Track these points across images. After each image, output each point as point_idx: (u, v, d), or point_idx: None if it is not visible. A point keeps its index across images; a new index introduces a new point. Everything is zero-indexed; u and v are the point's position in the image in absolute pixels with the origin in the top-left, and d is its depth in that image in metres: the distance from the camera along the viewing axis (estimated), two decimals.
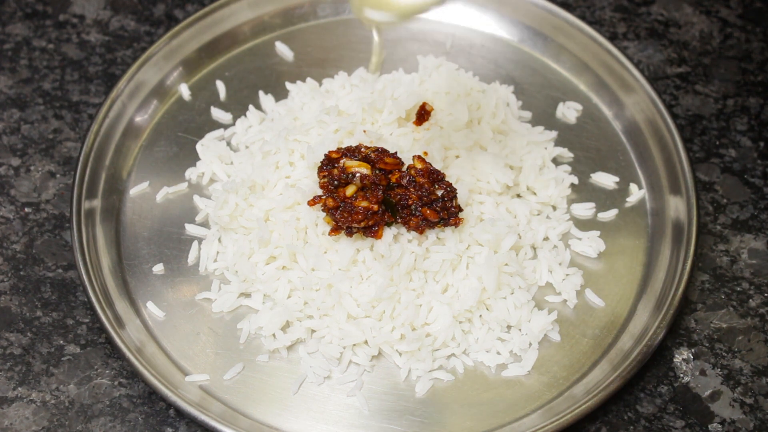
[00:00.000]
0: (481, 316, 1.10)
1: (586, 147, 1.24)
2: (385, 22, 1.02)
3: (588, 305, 1.12)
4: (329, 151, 1.10)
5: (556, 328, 1.10)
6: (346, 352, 1.06)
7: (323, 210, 1.09)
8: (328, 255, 1.09)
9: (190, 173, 1.21)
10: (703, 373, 1.10)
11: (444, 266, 1.09)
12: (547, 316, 1.09)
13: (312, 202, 1.09)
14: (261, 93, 1.27)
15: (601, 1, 1.43)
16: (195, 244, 1.15)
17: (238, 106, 1.27)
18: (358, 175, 1.07)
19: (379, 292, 1.05)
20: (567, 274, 1.14)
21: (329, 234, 1.08)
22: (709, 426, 1.06)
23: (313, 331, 1.08)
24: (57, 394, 1.07)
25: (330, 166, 1.10)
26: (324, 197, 1.09)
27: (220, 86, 1.28)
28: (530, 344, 1.08)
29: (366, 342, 1.06)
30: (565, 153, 1.23)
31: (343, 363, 1.06)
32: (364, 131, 1.14)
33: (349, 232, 1.07)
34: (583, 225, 1.18)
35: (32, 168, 1.24)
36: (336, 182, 1.09)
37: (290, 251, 1.09)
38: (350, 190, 1.08)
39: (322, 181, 1.10)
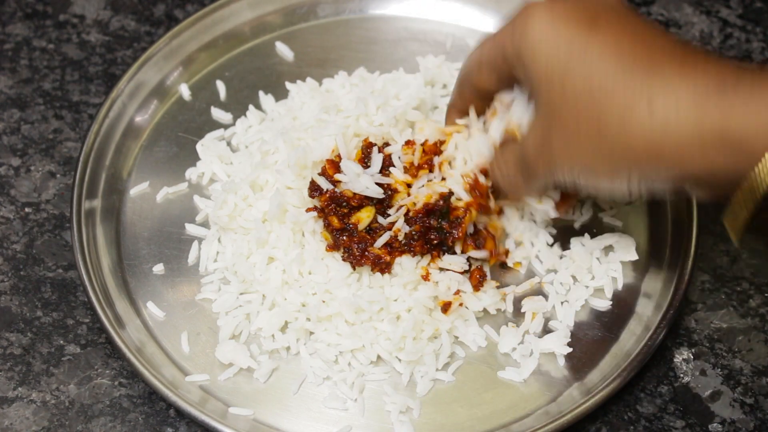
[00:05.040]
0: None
1: None
2: None
3: (588, 305, 1.12)
4: (313, 179, 1.09)
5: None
6: (344, 355, 1.06)
7: (325, 228, 1.08)
8: (326, 261, 1.09)
9: (190, 173, 1.21)
10: (703, 373, 1.10)
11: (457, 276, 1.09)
12: (561, 338, 1.08)
13: (310, 209, 1.09)
14: (261, 93, 1.27)
15: None
16: (195, 244, 1.15)
17: (238, 106, 1.27)
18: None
19: (380, 298, 1.05)
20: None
21: (326, 250, 1.08)
22: (710, 426, 1.06)
23: (311, 332, 1.08)
24: (57, 394, 1.07)
25: (318, 192, 1.09)
26: (326, 212, 1.08)
27: (220, 86, 1.28)
28: (531, 352, 1.08)
29: (363, 347, 1.06)
30: None
31: (342, 364, 1.06)
32: (366, 140, 1.13)
33: (352, 265, 1.07)
34: (582, 226, 1.18)
35: (32, 168, 1.24)
36: (344, 203, 1.08)
37: (287, 254, 1.09)
38: (363, 223, 1.07)
39: (323, 203, 1.08)
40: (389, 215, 1.08)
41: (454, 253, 1.08)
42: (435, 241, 1.07)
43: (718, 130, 0.83)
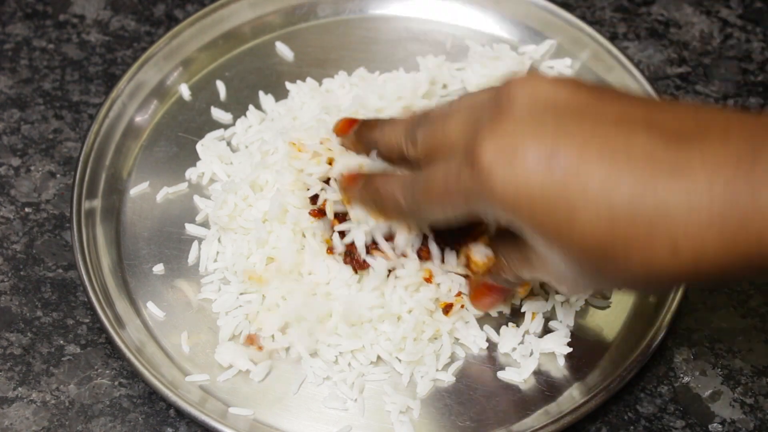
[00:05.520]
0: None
1: None
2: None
3: (588, 305, 1.12)
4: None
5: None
6: (344, 355, 1.06)
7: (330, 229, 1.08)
8: (326, 261, 1.08)
9: (190, 173, 1.21)
10: (703, 373, 1.10)
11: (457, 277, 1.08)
12: (562, 338, 1.08)
13: (313, 213, 1.09)
14: (261, 93, 1.27)
15: (601, 1, 1.43)
16: (195, 244, 1.15)
17: (238, 106, 1.27)
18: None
19: (380, 302, 1.05)
20: None
21: (326, 252, 1.08)
22: (710, 426, 1.06)
23: (311, 333, 1.08)
24: (57, 394, 1.07)
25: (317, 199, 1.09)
26: (328, 214, 1.08)
27: (220, 86, 1.28)
28: (531, 352, 1.08)
29: (363, 347, 1.06)
30: None
31: (342, 365, 1.06)
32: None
33: (353, 269, 1.07)
34: None
35: (32, 168, 1.24)
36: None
37: (287, 254, 1.09)
38: None
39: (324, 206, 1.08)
40: None
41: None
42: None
43: (754, 254, 0.74)
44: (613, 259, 0.78)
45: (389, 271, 1.05)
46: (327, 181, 1.07)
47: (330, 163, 1.07)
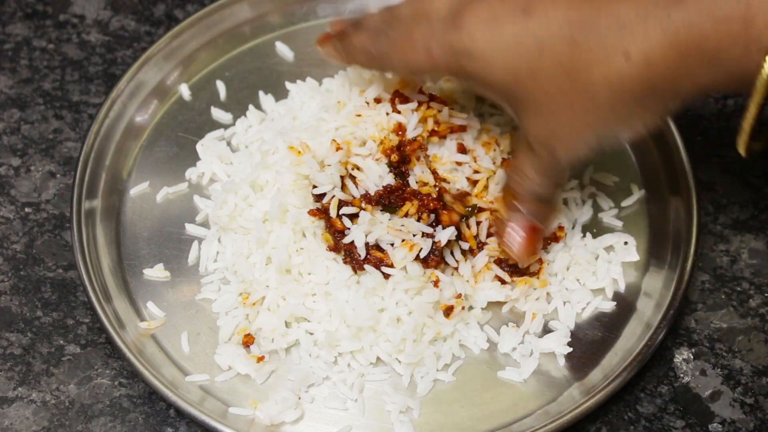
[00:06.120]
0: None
1: None
2: None
3: (589, 306, 1.12)
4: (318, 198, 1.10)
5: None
6: (344, 356, 1.06)
7: (327, 230, 1.08)
8: (326, 262, 1.08)
9: (190, 173, 1.21)
10: (703, 373, 1.10)
11: (457, 277, 1.09)
12: (561, 338, 1.08)
13: (313, 212, 1.09)
14: (261, 93, 1.27)
15: None
16: (195, 244, 1.15)
17: (238, 106, 1.27)
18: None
19: (378, 302, 1.05)
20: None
21: (327, 250, 1.08)
22: (710, 426, 1.06)
23: (310, 333, 1.08)
24: (57, 394, 1.07)
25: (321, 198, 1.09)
26: (328, 214, 1.08)
27: (220, 86, 1.28)
28: (531, 352, 1.08)
29: (362, 348, 1.06)
30: None
31: (342, 365, 1.06)
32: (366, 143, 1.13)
33: (353, 269, 1.07)
34: (583, 226, 1.18)
35: (32, 168, 1.24)
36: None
37: (287, 254, 1.09)
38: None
39: (326, 205, 1.09)
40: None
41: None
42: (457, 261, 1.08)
43: (695, 46, 0.84)
44: (575, 80, 0.90)
45: (386, 276, 1.06)
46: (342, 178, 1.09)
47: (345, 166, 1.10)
